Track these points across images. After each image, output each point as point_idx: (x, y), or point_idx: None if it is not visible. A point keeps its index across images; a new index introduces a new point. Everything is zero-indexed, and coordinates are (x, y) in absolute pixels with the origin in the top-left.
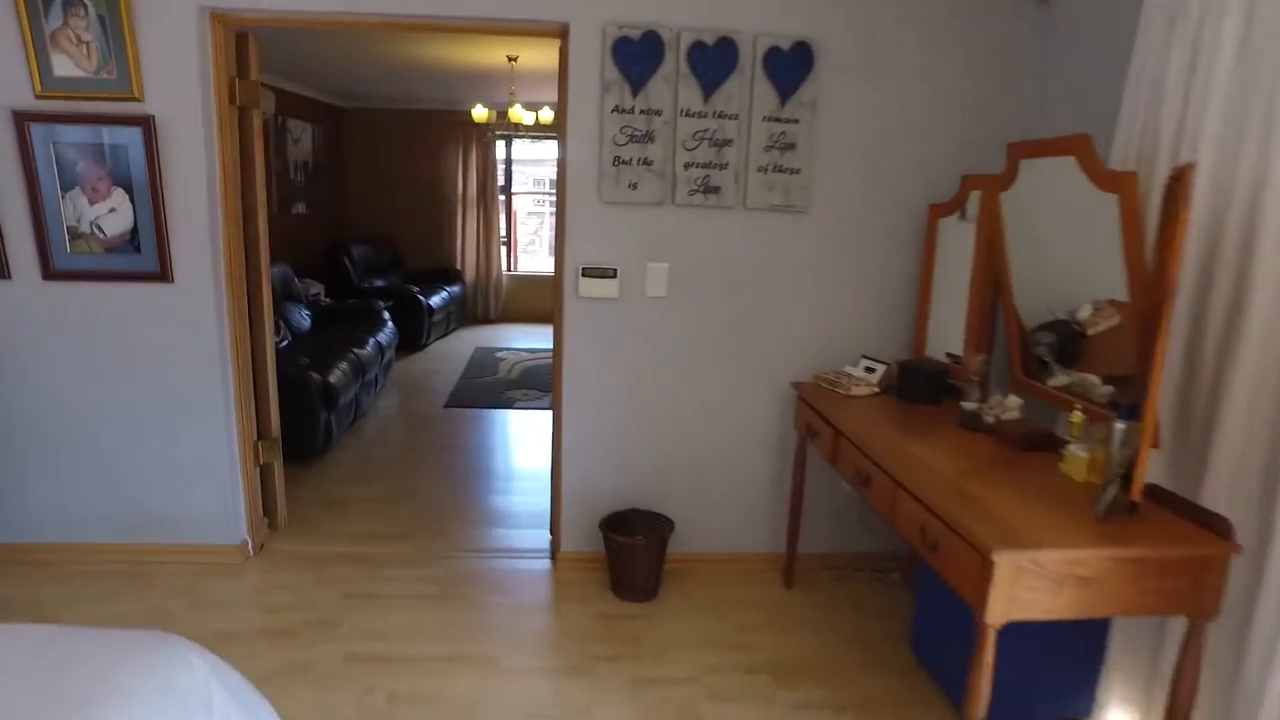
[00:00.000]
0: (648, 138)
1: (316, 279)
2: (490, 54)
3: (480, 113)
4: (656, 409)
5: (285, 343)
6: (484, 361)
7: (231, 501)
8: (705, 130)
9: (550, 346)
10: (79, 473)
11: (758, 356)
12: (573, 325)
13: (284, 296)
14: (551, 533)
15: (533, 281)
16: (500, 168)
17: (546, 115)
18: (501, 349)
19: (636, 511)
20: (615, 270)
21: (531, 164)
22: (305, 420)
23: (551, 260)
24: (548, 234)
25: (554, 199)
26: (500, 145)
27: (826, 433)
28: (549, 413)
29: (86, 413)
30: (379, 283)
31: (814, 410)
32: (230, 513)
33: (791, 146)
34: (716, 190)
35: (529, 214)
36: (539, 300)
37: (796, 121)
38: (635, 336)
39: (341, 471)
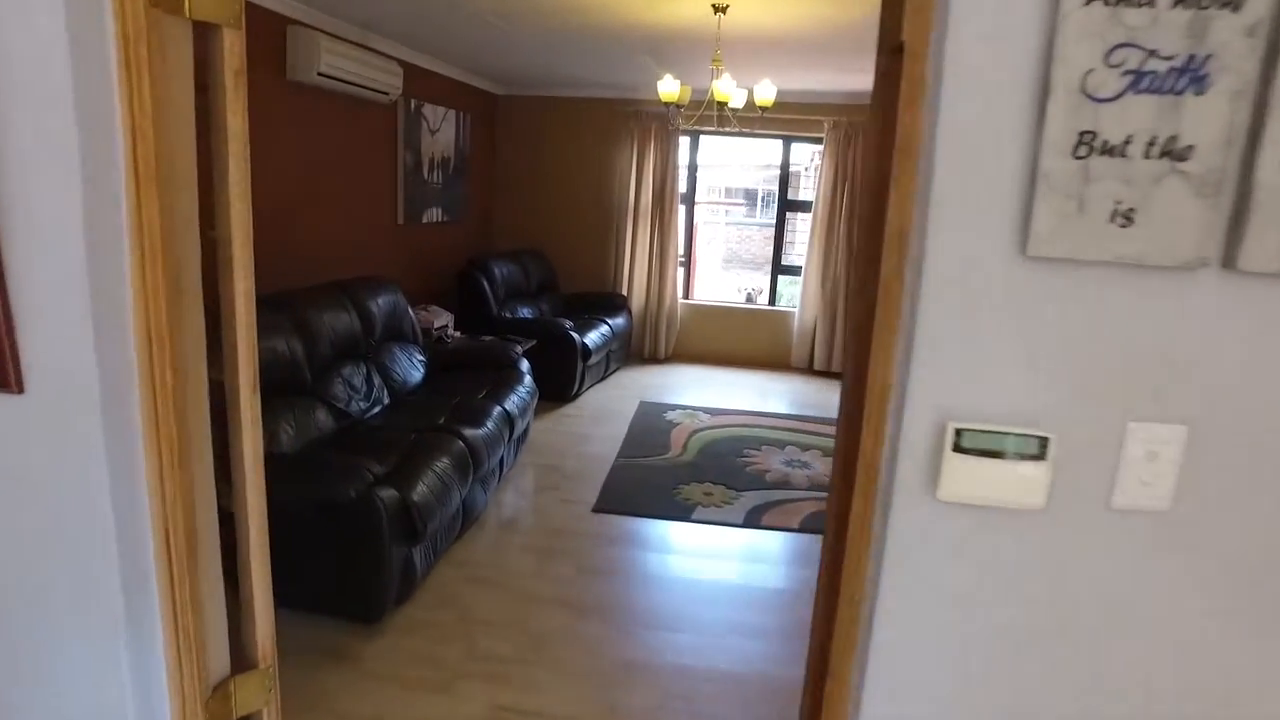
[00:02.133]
0: (1186, 80)
1: (445, 307)
2: (686, 4)
3: (669, 88)
4: None
5: (376, 410)
6: (650, 426)
7: None
8: None
9: (740, 408)
10: None
11: None
12: (903, 553)
13: (389, 336)
14: None
15: (712, 313)
16: (682, 171)
17: (766, 93)
18: (673, 406)
19: None
20: (1046, 442)
21: (715, 168)
22: (368, 563)
23: (731, 286)
24: (722, 247)
25: (742, 210)
26: (682, 144)
27: None
28: (743, 534)
29: None
30: (524, 312)
31: None
32: None
33: None
34: None
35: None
36: (719, 336)
37: None
38: (1072, 602)
39: (418, 645)
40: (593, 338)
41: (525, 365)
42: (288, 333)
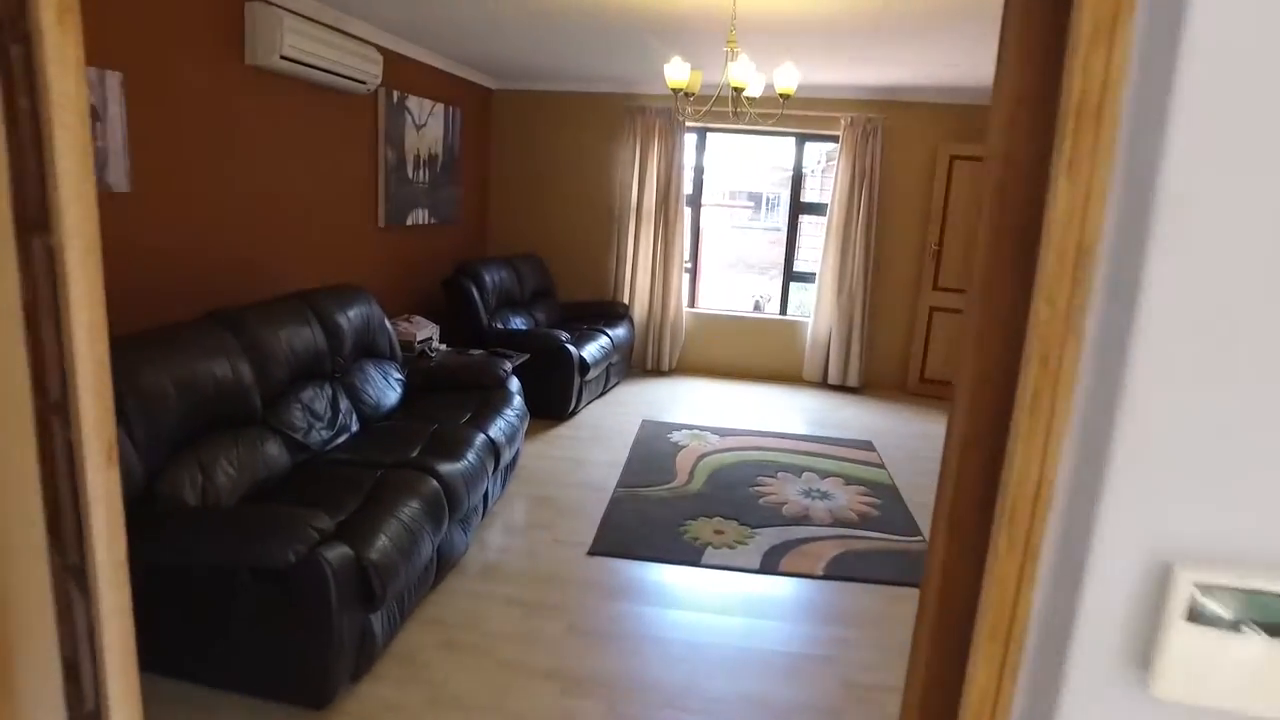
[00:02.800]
0: None
1: (431, 318)
2: None
3: (677, 74)
4: None
5: (342, 439)
6: (653, 449)
7: None
8: None
9: (751, 428)
10: None
11: None
12: None
13: (361, 352)
14: None
15: (719, 323)
16: (687, 172)
17: (787, 80)
18: (678, 425)
19: None
20: None
21: (723, 168)
22: (314, 638)
23: (739, 294)
24: (730, 252)
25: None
26: (688, 143)
27: None
28: (759, 582)
29: None
30: (517, 322)
31: None
32: None
33: None
34: None
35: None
36: (726, 348)
37: None
38: None
39: None
40: (591, 351)
41: (515, 384)
42: (234, 354)
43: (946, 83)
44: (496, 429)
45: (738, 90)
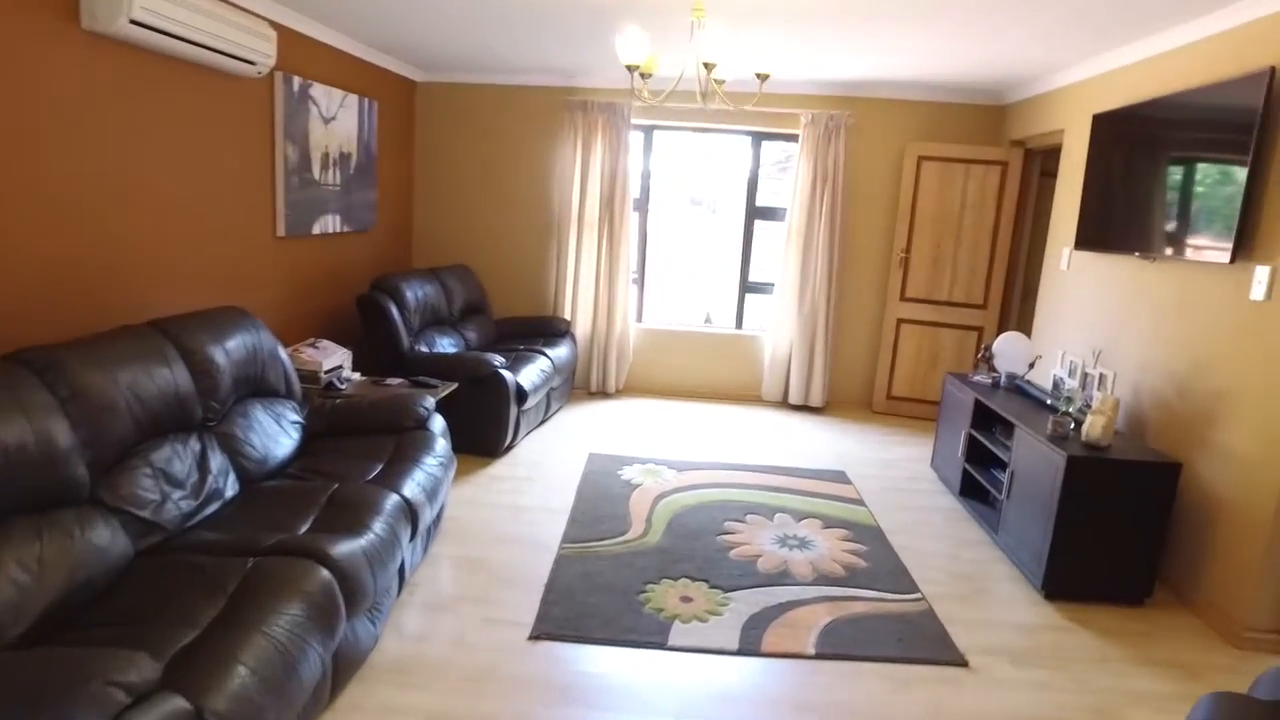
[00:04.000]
0: None
1: (344, 340)
2: None
3: (632, 48)
4: None
5: (211, 509)
6: (603, 490)
7: None
8: None
9: (711, 460)
10: None
11: None
12: None
13: (247, 392)
14: None
15: (670, 339)
16: (633, 173)
17: (762, 61)
18: (630, 459)
19: None
20: None
21: (674, 170)
22: None
23: (690, 307)
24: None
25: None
26: (635, 143)
27: None
28: (740, 668)
29: None
30: (444, 344)
31: None
32: None
33: None
34: None
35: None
36: (678, 366)
37: None
38: None
39: None
40: (529, 376)
41: (439, 425)
42: (42, 411)
43: (915, 78)
44: (414, 485)
45: (707, 68)
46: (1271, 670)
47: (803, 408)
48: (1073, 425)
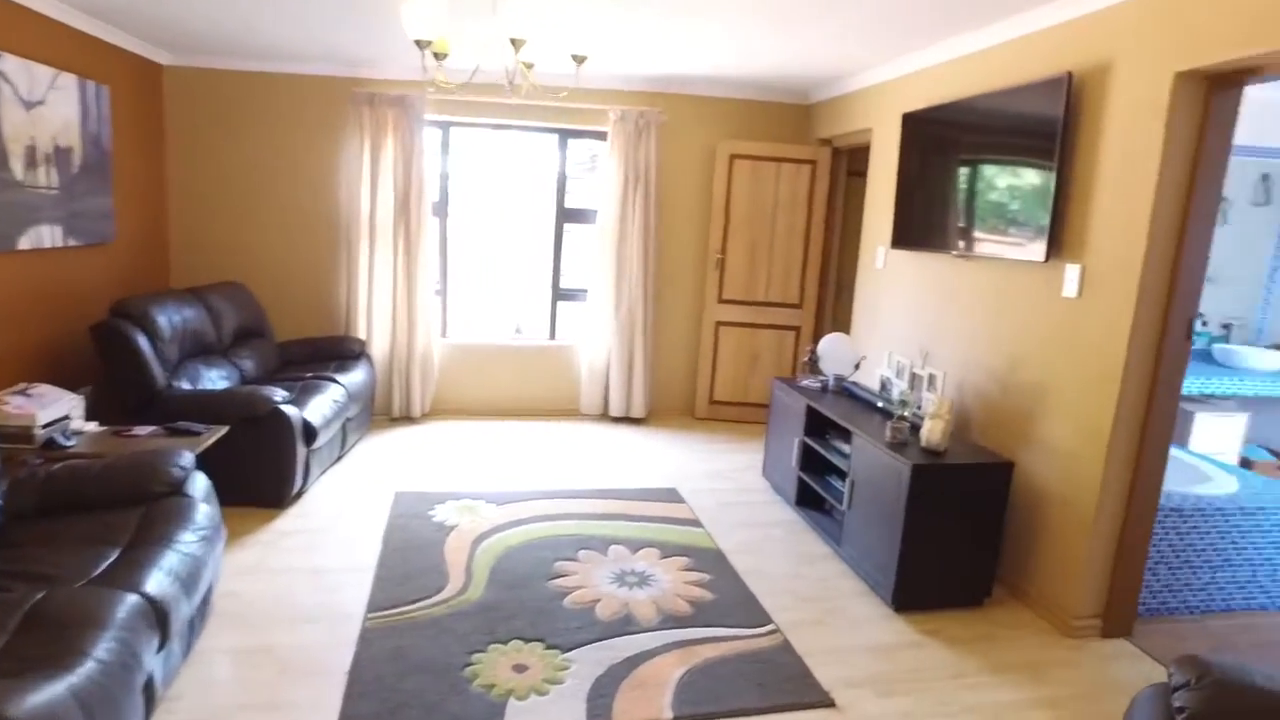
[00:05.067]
0: None
1: (73, 383)
2: None
3: (421, 20)
4: None
5: None
6: (414, 537)
7: None
8: None
9: (533, 488)
10: None
11: None
12: None
13: None
14: None
15: (480, 353)
16: (430, 174)
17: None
18: (442, 495)
19: None
20: None
21: (475, 170)
22: None
23: (500, 318)
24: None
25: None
26: (431, 142)
27: None
28: None
29: None
30: (212, 378)
31: None
32: None
33: None
34: None
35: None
36: (490, 382)
37: None
38: None
39: None
40: (320, 408)
41: (201, 484)
42: None
43: (725, 75)
44: (162, 576)
45: (515, 45)
46: (1141, 695)
47: (624, 419)
48: (909, 428)
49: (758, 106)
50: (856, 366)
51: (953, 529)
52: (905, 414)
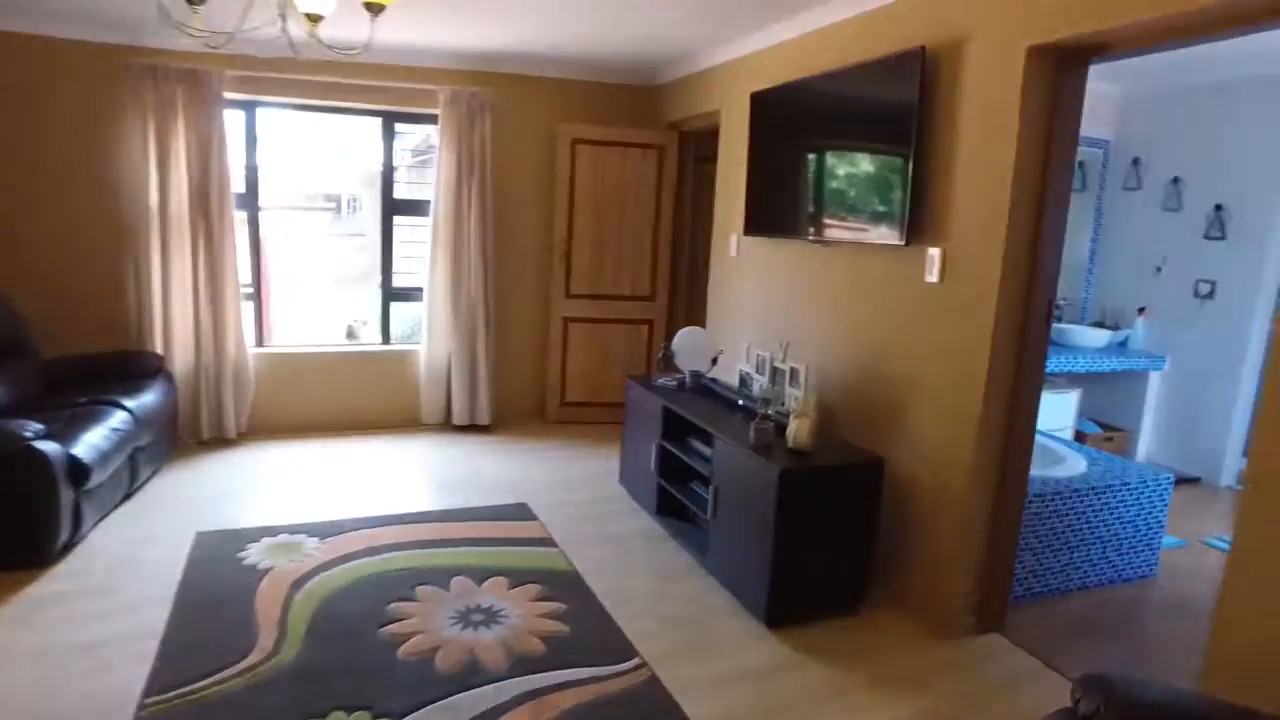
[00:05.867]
0: None
1: None
2: None
3: None
4: None
5: None
6: (216, 587)
7: None
8: None
9: (366, 513)
10: None
11: None
12: None
13: None
14: None
15: (301, 363)
16: (230, 164)
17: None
18: (255, 533)
19: None
20: None
21: (287, 156)
22: None
23: (326, 321)
24: (310, 268)
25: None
26: (234, 124)
27: None
28: None
29: None
30: None
31: None
32: None
33: None
34: None
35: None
36: (315, 395)
37: None
38: None
39: None
40: (93, 441)
41: None
42: None
43: (564, 54)
44: None
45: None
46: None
47: (470, 428)
48: (774, 428)
49: (601, 88)
50: (714, 361)
51: (825, 535)
52: (769, 412)
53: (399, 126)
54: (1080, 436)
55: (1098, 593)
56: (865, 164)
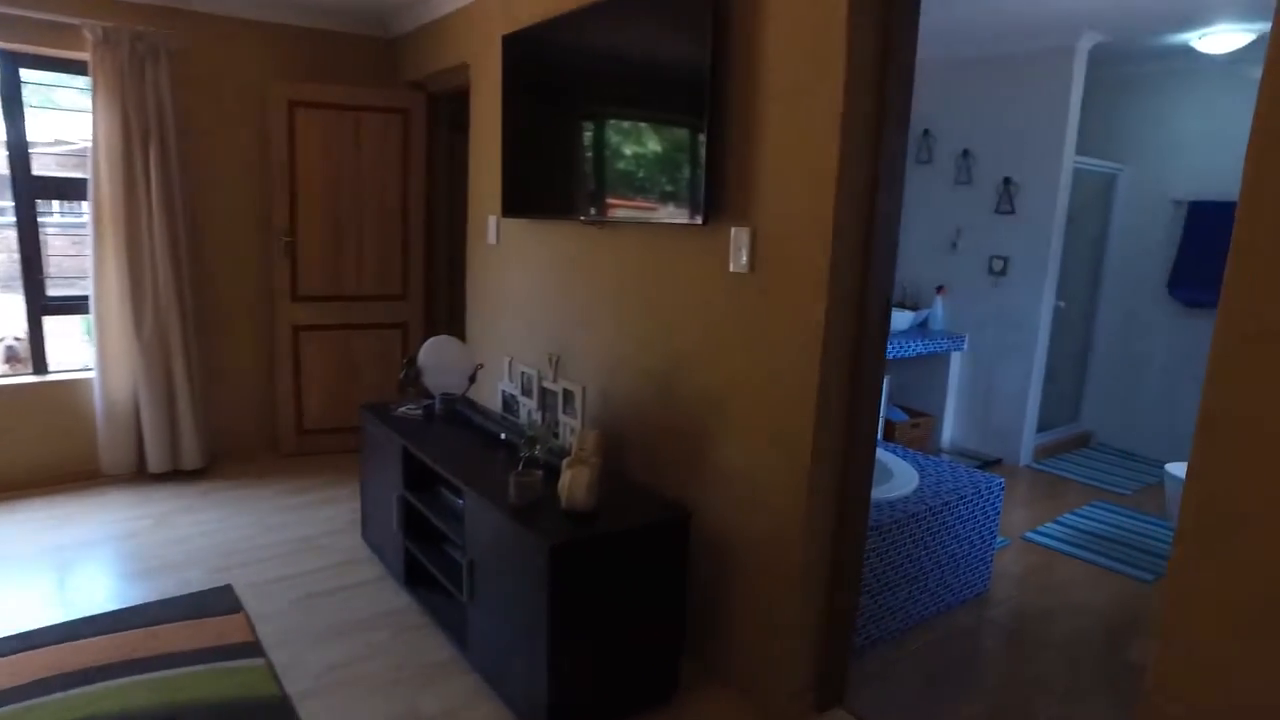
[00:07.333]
0: None
1: None
2: None
3: None
4: None
5: None
6: None
7: None
8: None
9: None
10: None
11: None
12: None
13: None
14: None
15: None
16: None
17: None
18: None
19: None
20: None
21: None
22: None
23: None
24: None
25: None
26: None
27: None
28: None
29: None
30: None
31: None
32: None
33: None
34: None
35: None
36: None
37: None
38: None
39: None
40: None
41: None
42: None
43: None
44: None
45: None
46: None
47: (172, 475)
48: (541, 479)
49: (324, 37)
50: (472, 379)
51: (619, 616)
52: (535, 453)
53: (30, 75)
54: (890, 427)
55: (937, 623)
56: (646, 121)
